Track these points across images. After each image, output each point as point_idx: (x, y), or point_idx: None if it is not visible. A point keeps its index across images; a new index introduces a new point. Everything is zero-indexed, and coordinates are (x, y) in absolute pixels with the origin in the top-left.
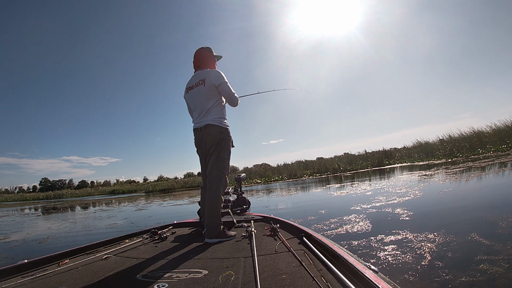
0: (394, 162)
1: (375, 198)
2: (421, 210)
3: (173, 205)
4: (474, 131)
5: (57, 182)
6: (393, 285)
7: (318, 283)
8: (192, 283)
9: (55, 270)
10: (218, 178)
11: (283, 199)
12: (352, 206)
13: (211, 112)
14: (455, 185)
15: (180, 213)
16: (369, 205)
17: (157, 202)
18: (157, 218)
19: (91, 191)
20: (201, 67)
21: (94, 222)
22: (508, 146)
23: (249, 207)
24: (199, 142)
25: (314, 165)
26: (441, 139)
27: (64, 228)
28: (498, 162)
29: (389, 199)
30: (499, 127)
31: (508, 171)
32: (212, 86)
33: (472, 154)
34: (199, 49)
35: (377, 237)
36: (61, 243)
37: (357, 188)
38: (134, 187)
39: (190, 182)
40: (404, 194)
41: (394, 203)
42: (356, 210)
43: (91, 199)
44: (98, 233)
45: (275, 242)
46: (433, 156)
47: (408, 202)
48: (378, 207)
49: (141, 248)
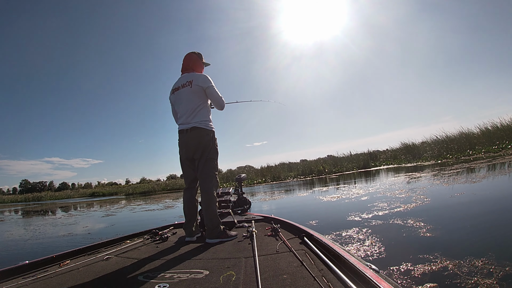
0: (380, 164)
1: (375, 204)
2: (441, 221)
3: (145, 211)
4: (463, 132)
5: (37, 184)
6: (394, 285)
7: (319, 283)
8: (193, 283)
9: (56, 271)
10: (210, 179)
11: (266, 204)
12: (350, 216)
13: (198, 114)
14: (464, 188)
15: (146, 221)
16: (370, 214)
17: (130, 207)
18: (115, 229)
19: (71, 194)
20: (189, 70)
21: (45, 230)
22: (500, 147)
23: (249, 207)
24: (184, 143)
25: (298, 167)
26: (427, 141)
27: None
28: (499, 162)
29: (392, 206)
30: (488, 128)
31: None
32: (199, 89)
33: (462, 155)
34: (190, 53)
35: (401, 267)
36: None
37: (349, 192)
38: (115, 189)
39: (171, 184)
40: (407, 199)
41: (401, 211)
42: (355, 221)
43: (69, 202)
44: (25, 251)
45: (276, 242)
46: (420, 158)
47: (418, 211)
48: (383, 218)
49: (142, 249)
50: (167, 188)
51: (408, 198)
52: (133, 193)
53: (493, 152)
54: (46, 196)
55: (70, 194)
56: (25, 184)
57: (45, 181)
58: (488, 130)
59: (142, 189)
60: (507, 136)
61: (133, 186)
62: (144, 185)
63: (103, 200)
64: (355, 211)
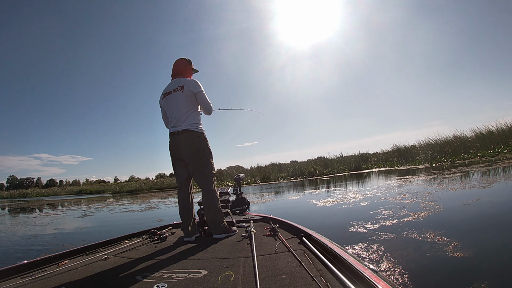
0: (372, 166)
1: (378, 212)
2: (467, 236)
3: (125, 211)
4: (457, 136)
5: (24, 180)
6: (392, 285)
7: (317, 283)
8: (191, 283)
9: (55, 271)
10: (209, 178)
11: (254, 207)
12: (352, 226)
13: (188, 118)
14: (476, 194)
15: (122, 226)
16: (377, 225)
17: (112, 206)
18: (83, 235)
19: (58, 191)
20: (179, 76)
21: (10, 232)
22: (495, 151)
23: (248, 207)
24: (175, 146)
25: (289, 168)
26: (420, 143)
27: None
28: (501, 166)
29: (399, 215)
30: (482, 132)
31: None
32: (190, 93)
33: (457, 159)
34: (180, 59)
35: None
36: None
37: (345, 195)
38: (102, 187)
39: (159, 183)
40: (414, 206)
41: (412, 221)
42: (360, 233)
43: (54, 199)
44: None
45: (275, 242)
46: (413, 161)
47: (433, 221)
48: (393, 229)
49: (141, 249)
50: (154, 187)
51: (415, 205)
52: (120, 192)
53: (489, 156)
54: (32, 193)
55: (57, 191)
56: (12, 180)
57: (33, 178)
58: (482, 134)
59: (129, 188)
60: (502, 141)
61: (121, 184)
62: (132, 183)
63: (88, 198)
64: (358, 220)
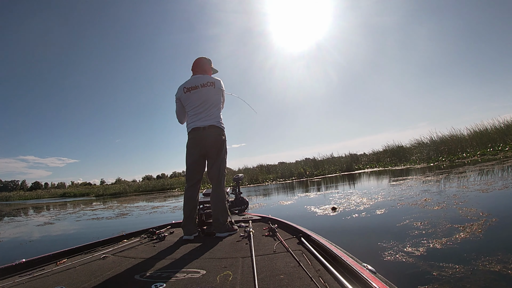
0: (364, 166)
1: (406, 224)
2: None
3: (92, 219)
4: (453, 135)
5: (9, 183)
6: (390, 285)
7: (316, 283)
8: (190, 283)
9: (53, 270)
10: (222, 177)
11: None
12: (384, 250)
13: (216, 114)
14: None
15: (70, 240)
16: (420, 247)
17: (83, 212)
18: (22, 251)
19: (42, 194)
20: (203, 72)
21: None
22: (495, 149)
23: (247, 207)
24: (199, 140)
25: (277, 169)
26: (415, 142)
27: None
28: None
29: (441, 228)
30: (477, 131)
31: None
32: (220, 91)
33: (456, 158)
34: (202, 57)
35: None
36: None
37: (348, 200)
38: (87, 190)
39: (144, 186)
40: (451, 214)
41: (468, 239)
42: (403, 265)
43: (36, 202)
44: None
45: (274, 242)
46: (408, 160)
47: (500, 237)
48: (450, 255)
49: (139, 248)
50: (139, 190)
51: (452, 213)
52: (103, 194)
53: (490, 154)
54: (14, 196)
55: (41, 194)
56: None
57: (18, 180)
58: (477, 133)
59: (113, 190)
60: (500, 139)
61: (105, 187)
62: (116, 186)
63: (69, 201)
64: (387, 239)
